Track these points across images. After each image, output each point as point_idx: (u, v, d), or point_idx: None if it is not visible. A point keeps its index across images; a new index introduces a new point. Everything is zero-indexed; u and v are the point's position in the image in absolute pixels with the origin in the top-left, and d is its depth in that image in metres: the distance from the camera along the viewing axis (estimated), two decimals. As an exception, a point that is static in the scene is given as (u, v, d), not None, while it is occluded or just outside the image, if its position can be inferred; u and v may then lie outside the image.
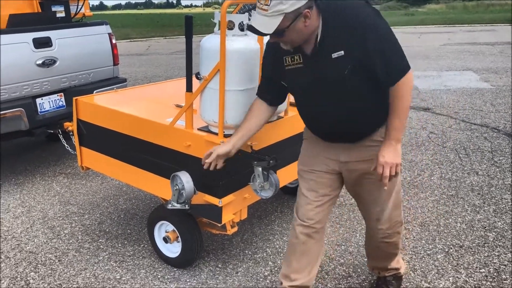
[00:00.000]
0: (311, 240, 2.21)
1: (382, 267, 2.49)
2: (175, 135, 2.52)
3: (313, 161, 2.18)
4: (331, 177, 2.17)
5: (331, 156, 2.13)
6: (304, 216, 2.19)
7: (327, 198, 2.19)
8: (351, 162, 2.10)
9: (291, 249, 2.27)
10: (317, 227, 2.20)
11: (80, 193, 3.93)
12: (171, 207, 2.45)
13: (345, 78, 1.86)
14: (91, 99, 3.13)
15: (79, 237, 3.24)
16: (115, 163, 2.92)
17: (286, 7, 1.77)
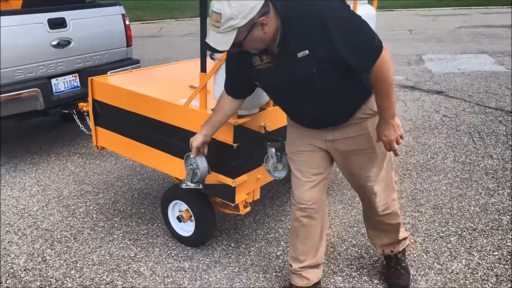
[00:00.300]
0: (312, 221, 2.22)
1: (393, 242, 2.47)
2: (190, 115, 2.53)
3: (299, 142, 2.18)
4: (319, 156, 2.16)
5: (317, 136, 2.13)
6: (300, 199, 2.19)
7: (319, 177, 2.18)
8: (337, 140, 2.09)
9: (294, 232, 2.29)
10: (315, 207, 2.20)
11: (95, 173, 3.97)
12: (185, 187, 2.47)
13: (315, 77, 1.83)
14: (106, 79, 3.14)
15: (93, 215, 3.28)
16: (130, 143, 2.94)
17: (237, 22, 1.70)
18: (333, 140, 2.10)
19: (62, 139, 4.79)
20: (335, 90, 1.91)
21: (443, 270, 2.59)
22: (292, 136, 2.23)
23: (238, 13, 1.69)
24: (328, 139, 2.10)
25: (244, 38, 1.76)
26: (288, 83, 1.91)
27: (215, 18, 1.71)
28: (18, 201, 3.50)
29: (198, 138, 2.28)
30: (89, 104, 3.13)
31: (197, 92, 2.46)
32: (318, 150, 2.15)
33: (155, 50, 9.92)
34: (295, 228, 2.26)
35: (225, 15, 1.69)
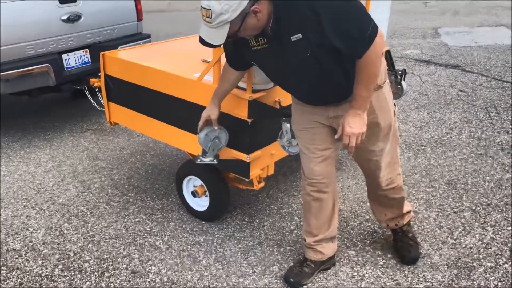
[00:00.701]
0: (324, 195, 2.26)
1: (397, 216, 2.49)
2: (203, 90, 2.54)
3: (304, 119, 2.19)
4: (324, 132, 2.17)
5: (319, 113, 2.13)
6: (310, 174, 2.22)
7: (327, 152, 2.20)
8: (339, 116, 2.07)
9: (307, 207, 2.33)
10: (326, 181, 2.23)
11: (108, 149, 4.03)
12: (200, 162, 2.50)
13: (310, 59, 1.82)
14: (118, 54, 3.15)
15: (109, 191, 3.34)
16: (143, 118, 2.96)
17: (228, 16, 1.69)
18: (335, 116, 2.09)
19: (74, 115, 4.84)
20: (331, 72, 1.90)
21: (456, 245, 2.62)
22: (296, 113, 2.24)
23: (228, 7, 1.68)
24: (331, 116, 2.10)
25: (238, 29, 1.76)
26: (284, 65, 1.92)
27: (206, 13, 1.69)
28: (34, 177, 3.57)
29: (214, 110, 2.32)
30: (101, 79, 3.15)
31: (211, 67, 2.47)
32: (322, 126, 2.16)
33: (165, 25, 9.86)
34: (308, 202, 2.30)
35: (215, 11, 1.68)
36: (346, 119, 1.94)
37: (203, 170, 2.76)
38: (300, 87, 2.04)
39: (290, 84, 2.07)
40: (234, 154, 2.53)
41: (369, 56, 1.78)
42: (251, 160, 2.49)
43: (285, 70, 1.95)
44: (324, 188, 2.24)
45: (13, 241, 2.80)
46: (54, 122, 4.67)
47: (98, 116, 4.79)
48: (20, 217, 3.04)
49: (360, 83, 1.87)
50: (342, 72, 1.91)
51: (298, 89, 2.07)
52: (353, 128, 1.92)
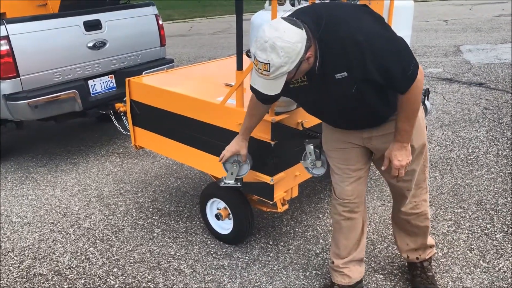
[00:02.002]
0: (355, 215, 2.24)
1: (419, 247, 2.42)
2: (226, 114, 2.55)
3: (335, 140, 2.19)
4: (357, 152, 2.17)
5: (352, 134, 2.13)
6: (342, 194, 2.21)
7: (360, 172, 2.19)
8: (374, 137, 2.09)
9: (337, 227, 2.30)
10: (357, 201, 2.22)
11: (133, 172, 4.06)
12: (224, 185, 2.49)
13: (353, 95, 1.84)
14: (143, 79, 3.20)
15: (133, 214, 3.35)
16: (167, 141, 2.99)
17: (287, 67, 1.68)
18: (369, 137, 2.09)
19: (100, 140, 4.92)
20: (373, 103, 1.92)
21: (489, 268, 2.52)
22: (327, 134, 2.23)
23: (287, 60, 1.68)
24: (365, 137, 2.10)
25: (293, 77, 1.78)
26: (324, 100, 1.94)
27: (263, 67, 1.69)
28: (60, 201, 3.62)
29: (243, 145, 2.33)
30: (127, 104, 3.19)
31: (234, 90, 2.48)
32: (356, 147, 2.15)
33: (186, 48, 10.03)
34: (338, 222, 2.27)
35: (275, 65, 1.68)
36: (393, 153, 1.99)
37: (226, 193, 2.74)
38: (338, 118, 2.07)
39: (328, 115, 2.10)
40: (257, 176, 2.52)
41: (411, 93, 1.83)
42: (274, 182, 2.47)
43: (324, 104, 1.97)
44: (356, 208, 2.22)
45: (39, 265, 2.82)
46: (80, 146, 4.75)
47: (123, 140, 4.86)
48: (46, 241, 3.07)
49: (403, 119, 1.92)
50: (384, 102, 1.94)
51: (335, 119, 2.10)
52: (401, 161, 1.98)
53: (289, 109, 2.46)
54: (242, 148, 2.34)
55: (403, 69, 1.77)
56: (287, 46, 1.66)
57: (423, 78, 1.85)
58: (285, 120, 2.41)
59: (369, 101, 1.88)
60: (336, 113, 2.01)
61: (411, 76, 1.79)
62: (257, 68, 1.71)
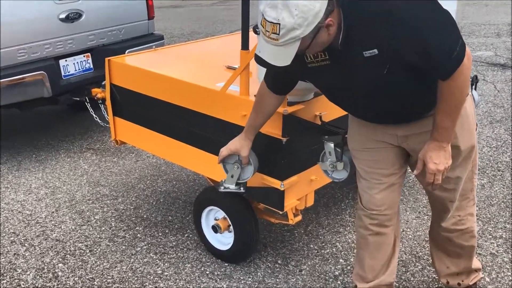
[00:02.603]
0: (385, 229, 2.24)
1: (462, 271, 2.41)
2: (228, 103, 2.55)
3: (365, 137, 2.18)
4: (391, 153, 2.16)
5: (386, 131, 2.11)
6: (370, 203, 2.21)
7: (392, 178, 2.19)
8: (410, 136, 2.07)
9: (362, 243, 2.31)
10: (389, 213, 2.22)
11: (112, 173, 4.08)
12: (224, 190, 2.50)
13: (385, 78, 1.81)
14: (127, 59, 3.21)
15: (112, 224, 3.37)
16: (155, 136, 3.00)
17: (302, 31, 1.68)
18: (406, 135, 2.08)
19: (73, 133, 4.94)
20: (409, 91, 1.90)
21: (548, 298, 2.53)
22: (355, 129, 2.23)
23: (302, 21, 1.66)
24: (400, 135, 2.09)
25: (307, 46, 1.75)
26: (349, 84, 1.91)
27: (272, 28, 1.67)
28: (23, 206, 3.64)
29: (246, 146, 2.34)
30: (106, 90, 3.21)
31: (237, 75, 2.49)
32: (389, 147, 2.14)
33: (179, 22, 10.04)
34: (364, 238, 2.28)
35: (286, 26, 1.66)
36: (429, 154, 1.95)
37: (226, 200, 2.75)
38: (366, 108, 2.05)
39: (354, 105, 2.08)
40: (265, 180, 2.52)
41: (455, 81, 1.78)
42: (285, 188, 2.47)
43: (350, 90, 1.95)
44: (386, 222, 2.22)
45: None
46: (48, 140, 4.77)
47: (100, 133, 4.88)
48: (6, 255, 3.09)
49: (443, 113, 1.87)
50: (422, 90, 1.91)
51: (363, 110, 2.08)
52: (438, 165, 1.94)
53: (304, 98, 2.47)
54: (243, 148, 2.34)
55: (446, 49, 1.73)
56: (302, 3, 1.65)
57: (471, 62, 1.82)
58: (299, 111, 2.42)
59: (405, 87, 1.86)
60: (364, 102, 1.99)
61: (456, 59, 1.74)
62: (265, 30, 1.70)
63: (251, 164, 2.42)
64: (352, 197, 3.55)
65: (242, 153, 2.35)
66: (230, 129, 2.55)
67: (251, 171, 2.43)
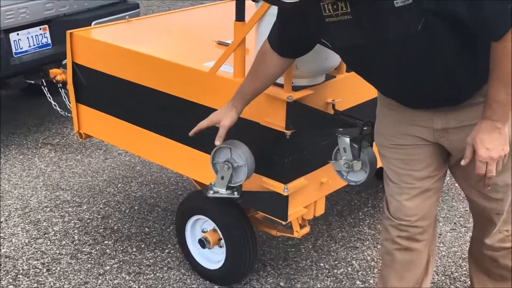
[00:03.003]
0: (416, 244, 2.24)
1: None
2: (219, 87, 2.55)
3: (396, 131, 2.18)
4: (427, 151, 2.16)
5: (421, 123, 2.11)
6: (399, 212, 2.22)
7: (428, 182, 2.19)
8: (451, 130, 2.06)
9: (387, 260, 2.31)
10: (422, 225, 2.22)
11: (75, 174, 4.08)
12: (213, 195, 2.50)
13: (420, 36, 1.80)
14: (93, 33, 3.20)
15: (75, 237, 3.37)
16: (128, 128, 3.00)
17: None
18: (445, 129, 2.07)
19: (25, 123, 4.93)
20: (450, 57, 1.88)
21: None
22: (384, 121, 2.23)
23: None
24: (438, 128, 2.08)
25: None
26: (376, 44, 1.89)
27: None
28: (-35, 215, 3.64)
29: (229, 114, 2.30)
30: (68, 70, 3.20)
31: (231, 52, 2.48)
32: (425, 144, 2.14)
33: (159, -12, 10.03)
34: (390, 254, 2.28)
35: None
36: (479, 136, 1.88)
37: (217, 208, 2.75)
38: (396, 79, 2.01)
39: (383, 74, 2.04)
40: (264, 183, 2.52)
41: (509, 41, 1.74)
42: (290, 193, 2.47)
43: (377, 52, 1.93)
44: (418, 235, 2.22)
45: None
46: (-4, 133, 4.77)
47: (60, 124, 4.87)
48: None
49: (497, 83, 1.83)
50: (466, 58, 1.90)
51: (394, 81, 2.04)
52: (491, 151, 1.87)
53: (313, 82, 2.46)
54: (225, 118, 2.30)
55: None
56: None
57: None
58: (307, 98, 2.42)
59: (444, 51, 1.84)
60: (393, 71, 1.97)
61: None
62: None
63: (244, 165, 2.41)
64: (372, 204, 3.55)
65: (222, 123, 2.30)
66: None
67: (244, 173, 2.43)
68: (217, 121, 2.33)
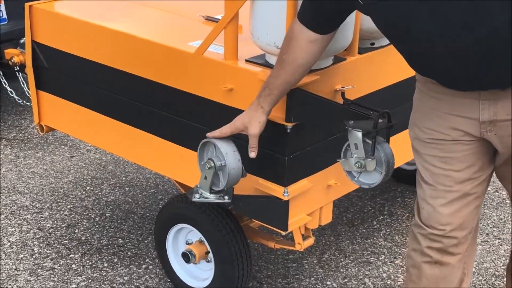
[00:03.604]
0: (448, 258, 2.24)
1: None
2: (207, 71, 2.54)
3: (435, 123, 2.17)
4: (470, 148, 2.15)
5: (465, 113, 2.10)
6: (432, 219, 2.22)
7: (468, 185, 2.19)
8: (501, 122, 2.05)
9: (414, 275, 2.31)
10: (458, 236, 2.22)
11: (35, 174, 4.07)
12: (199, 200, 2.50)
13: None
14: (57, 6, 3.18)
15: (35, 249, 3.37)
16: (99, 120, 2.99)
17: None
18: (492, 121, 2.06)
19: (-24, 114, 4.93)
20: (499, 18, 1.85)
21: None
22: (423, 110, 2.23)
23: None
24: (485, 119, 2.07)
25: None
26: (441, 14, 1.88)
27: None
28: None
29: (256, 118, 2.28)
30: (27, 51, 3.19)
31: (221, 29, 2.47)
32: (468, 140, 2.14)
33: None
34: (417, 267, 2.28)
35: None
36: None
37: (204, 215, 2.75)
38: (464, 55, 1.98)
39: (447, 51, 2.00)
40: (260, 186, 2.52)
41: None
42: (290, 197, 2.47)
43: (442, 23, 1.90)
44: (453, 248, 2.22)
45: None
46: None
47: (18, 115, 4.87)
48: None
49: None
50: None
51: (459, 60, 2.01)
52: None
53: (319, 65, 2.46)
54: (252, 123, 2.28)
55: None
56: None
57: None
58: (312, 85, 2.41)
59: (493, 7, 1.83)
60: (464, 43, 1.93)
61: None
62: None
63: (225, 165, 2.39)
64: (389, 211, 3.56)
65: (251, 130, 2.30)
66: (210, 110, 2.54)
67: (226, 176, 2.42)
68: (242, 127, 2.33)
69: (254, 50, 2.51)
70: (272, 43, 2.38)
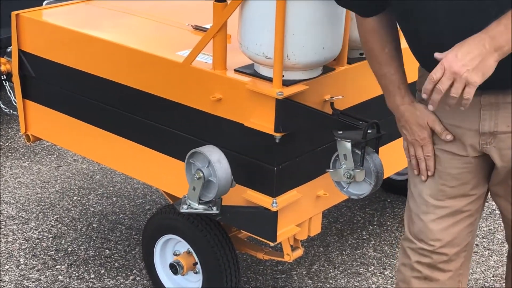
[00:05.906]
0: (438, 274, 2.23)
1: None
2: (194, 80, 2.54)
3: None
4: (465, 166, 2.14)
5: (465, 124, 2.08)
6: (422, 234, 2.21)
7: (462, 201, 2.18)
8: (502, 134, 2.03)
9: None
10: (448, 252, 2.20)
11: (21, 184, 4.06)
12: (187, 211, 2.49)
13: None
14: (44, 15, 3.18)
15: (20, 260, 3.35)
16: (86, 130, 2.99)
17: None
18: (493, 132, 2.06)
19: (-38, 123, 4.91)
20: None
21: None
22: None
23: None
24: (485, 131, 2.06)
25: None
26: None
27: None
28: None
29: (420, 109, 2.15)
30: (13, 60, 3.18)
31: (209, 38, 2.47)
32: (464, 156, 2.12)
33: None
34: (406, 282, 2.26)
35: None
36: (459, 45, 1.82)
37: (192, 226, 2.75)
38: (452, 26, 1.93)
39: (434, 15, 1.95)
40: (249, 196, 2.52)
41: None
42: (279, 208, 2.46)
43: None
44: (443, 264, 2.20)
45: None
46: None
47: (4, 125, 4.84)
48: None
49: None
50: None
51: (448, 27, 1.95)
52: (459, 60, 1.79)
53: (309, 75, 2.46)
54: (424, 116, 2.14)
55: None
56: None
57: None
58: (301, 95, 2.41)
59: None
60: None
61: None
62: None
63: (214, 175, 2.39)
64: (378, 222, 3.56)
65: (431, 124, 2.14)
66: (198, 120, 2.54)
67: (215, 186, 2.41)
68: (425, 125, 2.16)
69: (243, 59, 2.51)
70: (261, 53, 2.38)
